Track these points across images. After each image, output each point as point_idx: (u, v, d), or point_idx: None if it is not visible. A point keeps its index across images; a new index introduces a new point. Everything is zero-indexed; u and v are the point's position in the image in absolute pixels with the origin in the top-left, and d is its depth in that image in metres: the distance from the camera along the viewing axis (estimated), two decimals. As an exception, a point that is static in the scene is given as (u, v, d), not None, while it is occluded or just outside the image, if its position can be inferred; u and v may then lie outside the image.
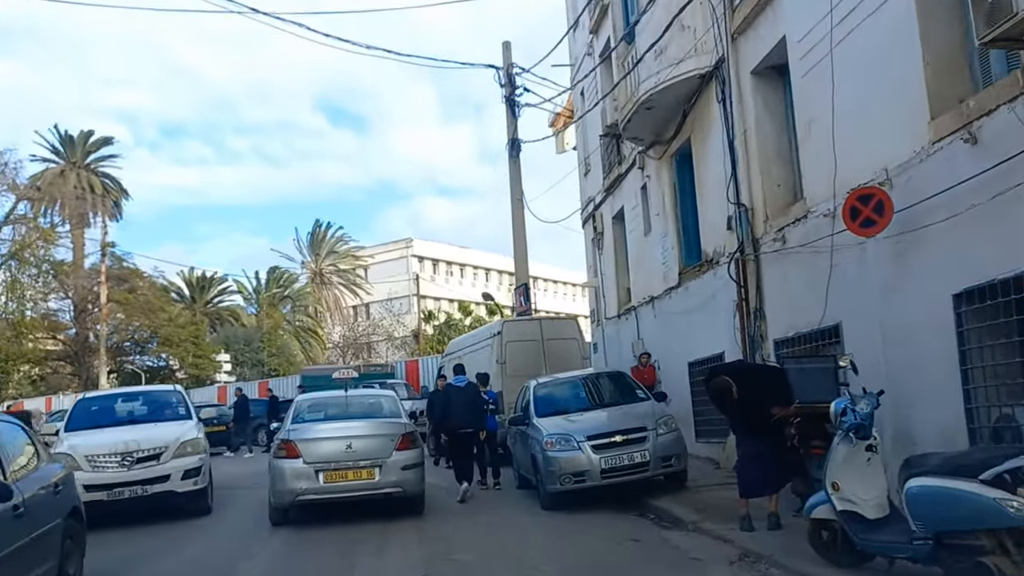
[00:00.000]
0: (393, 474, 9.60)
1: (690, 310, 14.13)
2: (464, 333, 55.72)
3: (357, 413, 10.73)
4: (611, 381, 11.99)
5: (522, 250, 21.59)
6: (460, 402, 11.97)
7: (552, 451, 10.02)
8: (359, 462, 9.53)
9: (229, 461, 21.62)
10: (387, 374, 25.46)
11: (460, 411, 11.90)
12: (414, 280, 57.90)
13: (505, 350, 15.67)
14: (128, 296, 42.49)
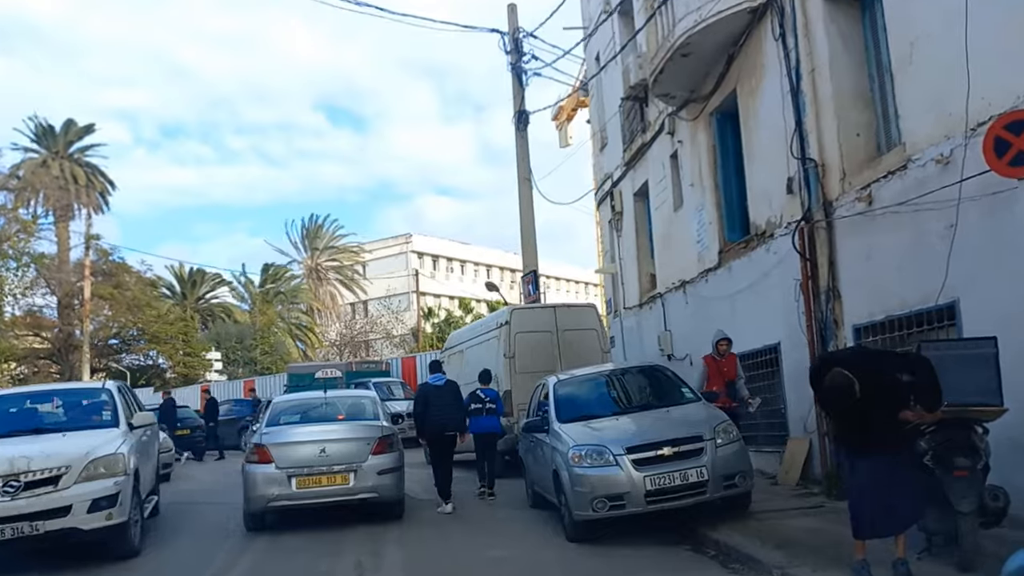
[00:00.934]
0: (369, 479, 9.20)
1: (733, 294, 11.85)
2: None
3: (335, 416, 10.36)
4: (649, 377, 9.63)
5: (530, 233, 19.31)
6: (438, 403, 10.67)
7: (581, 467, 7.74)
8: (333, 467, 9.16)
9: (199, 467, 19.39)
10: (381, 372, 23.19)
11: (438, 412, 10.62)
12: (413, 276, 55.62)
13: (514, 342, 13.39)
14: (113, 291, 40.11)
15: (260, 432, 9.86)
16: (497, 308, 58.65)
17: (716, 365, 10.03)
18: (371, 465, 9.25)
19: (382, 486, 9.31)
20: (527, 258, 19.30)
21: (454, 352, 16.03)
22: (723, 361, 10.05)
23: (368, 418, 10.33)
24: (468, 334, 15.62)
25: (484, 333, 14.46)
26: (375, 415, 10.43)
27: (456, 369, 15.63)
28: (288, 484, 9.05)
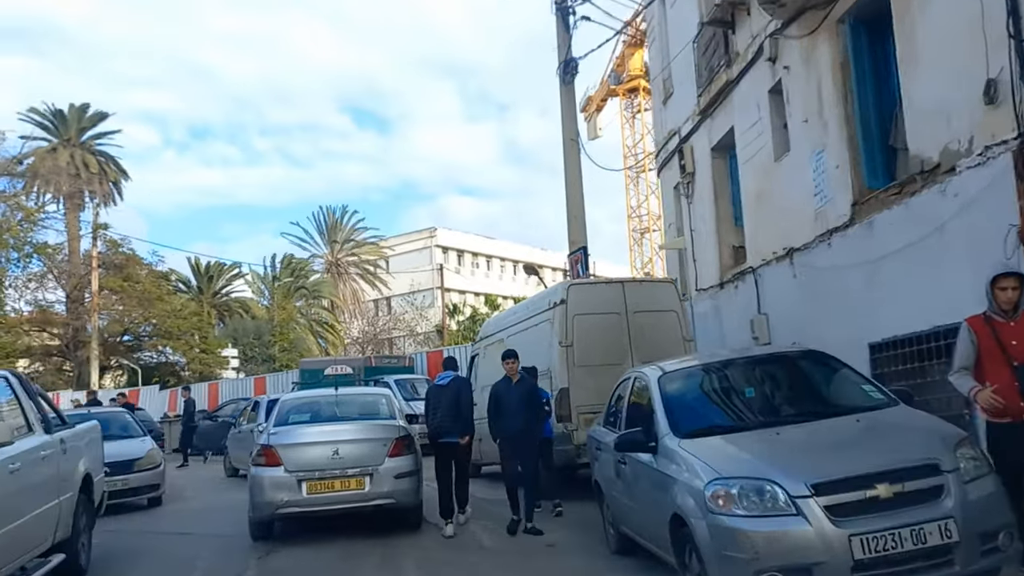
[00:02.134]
0: (385, 484, 8.42)
1: (876, 260, 8.59)
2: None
3: (347, 415, 9.45)
4: (808, 367, 6.21)
5: (577, 203, 16.11)
6: (440, 404, 9.02)
7: (731, 515, 4.52)
8: (347, 470, 8.36)
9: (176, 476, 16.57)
10: (403, 368, 20.11)
11: (440, 415, 8.93)
12: (438, 271, 52.56)
13: (572, 327, 10.21)
14: (123, 284, 37.38)
15: (267, 432, 8.90)
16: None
17: (995, 333, 4.85)
18: (388, 468, 8.43)
19: (400, 491, 8.47)
20: (574, 232, 16.10)
21: (492, 341, 12.85)
22: (1012, 325, 4.84)
23: (383, 417, 9.39)
24: (510, 318, 12.39)
25: (531, 317, 11.25)
26: (391, 414, 9.49)
27: (495, 363, 12.47)
28: (298, 489, 8.21)
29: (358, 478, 8.34)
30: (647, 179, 59.98)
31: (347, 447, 8.41)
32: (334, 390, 10.06)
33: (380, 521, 8.78)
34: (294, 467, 8.24)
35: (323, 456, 8.32)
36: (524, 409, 8.56)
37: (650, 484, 5.61)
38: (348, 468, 8.33)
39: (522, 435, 8.53)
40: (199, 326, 39.73)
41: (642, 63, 61.03)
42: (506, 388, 8.81)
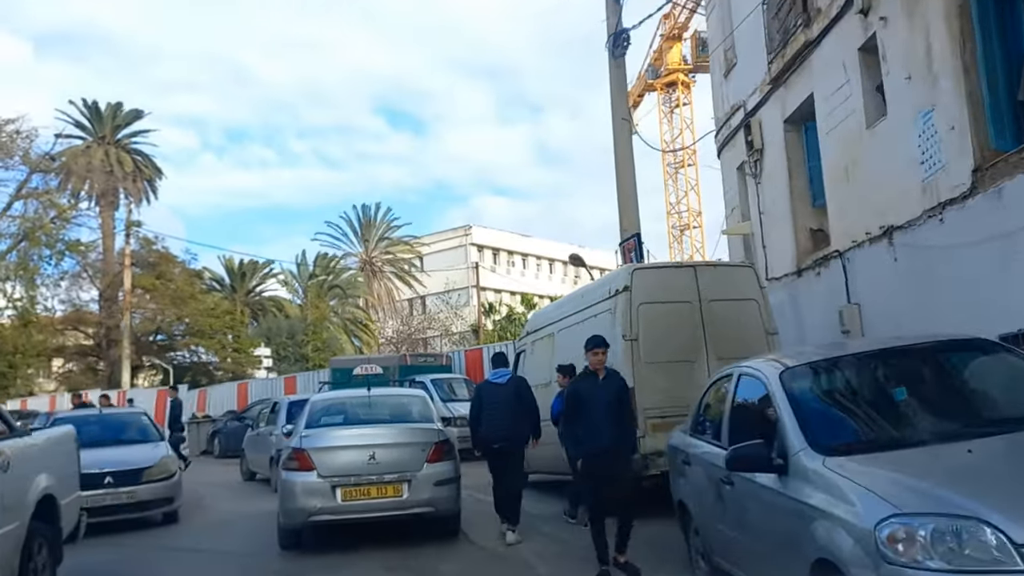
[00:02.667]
0: (424, 490, 7.87)
1: (1008, 235, 7.14)
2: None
3: (382, 417, 8.94)
4: (978, 362, 4.72)
5: (629, 187, 14.74)
6: (494, 405, 8.36)
7: (922, 568, 3.16)
8: (384, 476, 7.81)
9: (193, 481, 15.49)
10: (440, 367, 18.85)
11: (494, 418, 8.31)
12: (473, 269, 51.35)
13: (637, 318, 8.84)
14: (156, 282, 36.68)
15: (299, 435, 8.36)
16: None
17: None
18: (427, 474, 7.97)
19: (439, 499, 8.01)
20: (626, 219, 14.72)
21: (540, 336, 11.55)
22: None
23: (421, 420, 8.84)
24: (562, 310, 11.03)
25: (588, 307, 9.89)
26: (428, 417, 8.94)
27: (543, 360, 11.17)
28: (332, 495, 7.74)
29: (396, 484, 7.84)
30: (687, 175, 58.34)
31: (384, 451, 7.91)
32: (367, 390, 9.28)
33: (415, 531, 8.19)
34: (328, 472, 7.76)
35: (359, 461, 7.83)
36: (612, 417, 6.59)
37: (774, 514, 4.24)
38: (385, 474, 7.81)
39: (613, 453, 6.55)
40: (231, 325, 38.92)
41: (680, 56, 59.57)
42: (590, 388, 6.80)
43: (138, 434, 10.70)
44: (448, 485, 8.06)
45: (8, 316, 33.20)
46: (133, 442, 10.18)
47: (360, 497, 7.77)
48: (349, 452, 7.93)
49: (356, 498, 7.76)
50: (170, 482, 9.77)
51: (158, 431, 11.12)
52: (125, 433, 10.46)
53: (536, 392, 10.72)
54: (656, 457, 8.39)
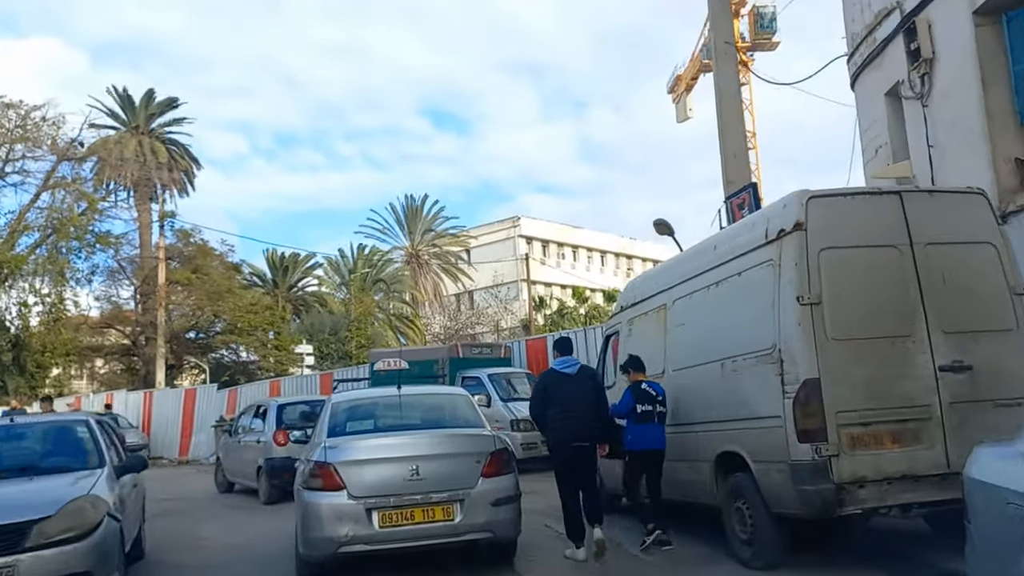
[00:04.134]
0: (480, 512, 6.36)
1: None
2: (579, 320, 45.69)
3: (420, 421, 7.26)
4: None
5: (734, 130, 11.64)
6: (565, 399, 6.87)
7: None
8: (431, 495, 6.30)
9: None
10: (499, 360, 15.82)
11: (569, 415, 6.82)
12: (523, 261, 48.33)
13: (818, 271, 5.69)
14: (192, 276, 34.33)
15: (321, 444, 6.68)
16: (613, 297, 51.41)
17: None
18: (483, 492, 6.43)
19: (499, 522, 6.47)
20: (733, 169, 11.58)
21: (643, 311, 8.40)
22: None
23: (470, 424, 7.16)
24: (680, 270, 7.69)
25: (725, 263, 6.67)
26: (476, 420, 7.27)
27: (649, 342, 8.07)
28: (368, 521, 6.20)
29: (446, 506, 6.41)
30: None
31: (430, 464, 6.46)
32: (396, 389, 7.44)
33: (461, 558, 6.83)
34: (361, 491, 6.30)
35: (399, 476, 6.38)
36: None
37: None
38: (432, 492, 6.39)
39: None
40: (271, 321, 36.41)
41: (737, 34, 55.81)
42: None
43: (64, 457, 6.62)
44: (509, 505, 6.62)
45: (38, 313, 31.07)
46: (48, 471, 6.29)
47: (402, 522, 6.30)
48: (386, 466, 6.43)
49: (397, 523, 6.30)
50: (87, 544, 5.39)
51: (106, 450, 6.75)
52: (40, 456, 6.76)
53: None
54: (856, 488, 5.36)
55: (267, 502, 12.05)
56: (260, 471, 12.26)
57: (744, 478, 6.29)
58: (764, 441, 5.98)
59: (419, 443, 6.65)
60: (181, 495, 13.59)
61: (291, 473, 11.40)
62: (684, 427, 7.28)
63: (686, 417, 7.25)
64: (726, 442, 6.54)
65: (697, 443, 7.06)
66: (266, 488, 12.15)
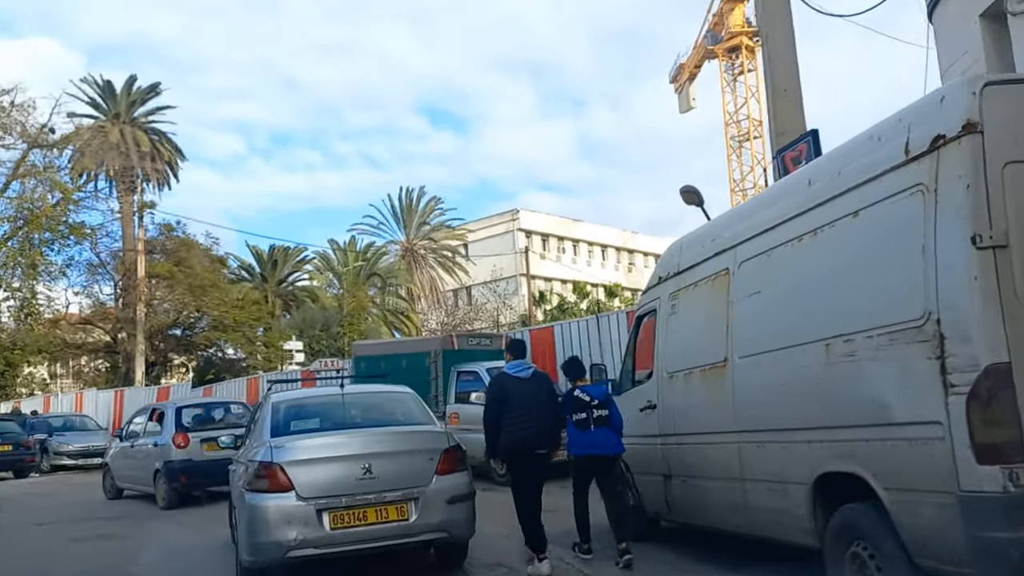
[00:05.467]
0: (436, 511, 6.18)
1: None
2: (580, 316, 44.04)
3: (367, 419, 6.94)
4: None
5: (786, 67, 9.53)
6: (521, 404, 6.54)
7: None
8: (384, 494, 6.08)
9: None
10: (499, 352, 13.68)
11: (527, 419, 6.50)
12: (522, 254, 46.27)
13: (1002, 195, 3.62)
14: (173, 269, 32.27)
15: (265, 443, 6.29)
16: (617, 294, 49.56)
17: None
18: (438, 490, 6.21)
19: (453, 522, 6.26)
20: (784, 117, 9.47)
21: (690, 282, 6.27)
22: None
23: (419, 422, 6.93)
24: (749, 223, 5.40)
25: (830, 200, 4.57)
26: (426, 418, 7.05)
27: (705, 320, 6.01)
28: (318, 523, 5.88)
29: (400, 505, 6.09)
30: (746, 81, 52.37)
31: (383, 462, 6.13)
32: (340, 388, 7.10)
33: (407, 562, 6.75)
34: (311, 492, 5.91)
35: (350, 476, 6.02)
36: None
37: None
38: (386, 491, 6.05)
39: None
40: (259, 316, 34.35)
41: (743, 19, 53.61)
42: None
43: None
44: (464, 503, 6.45)
45: (8, 308, 28.99)
46: None
47: (354, 523, 6.04)
48: (337, 465, 6.17)
49: (349, 524, 6.03)
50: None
51: None
52: None
53: (692, 382, 5.74)
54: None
55: (167, 507, 11.70)
56: (158, 475, 11.91)
57: (866, 512, 4.24)
58: (906, 459, 3.92)
59: (370, 441, 6.35)
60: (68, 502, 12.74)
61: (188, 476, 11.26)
62: (758, 435, 5.23)
63: (762, 421, 5.19)
64: (834, 459, 4.48)
65: (781, 457, 4.99)
66: (164, 492, 11.82)
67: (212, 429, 12.27)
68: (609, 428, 6.58)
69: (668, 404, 6.51)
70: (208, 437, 11.87)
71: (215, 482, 11.26)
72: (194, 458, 11.55)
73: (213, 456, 11.38)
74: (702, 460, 5.99)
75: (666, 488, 6.60)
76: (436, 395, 12.50)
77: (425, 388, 13.15)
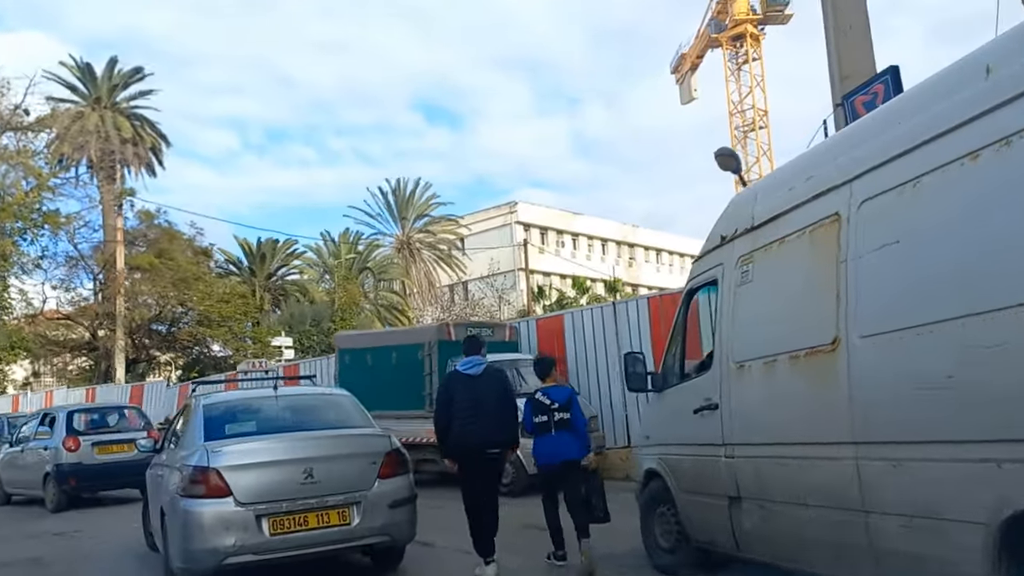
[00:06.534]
0: (378, 515, 6.15)
1: None
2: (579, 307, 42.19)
3: (305, 423, 6.67)
4: None
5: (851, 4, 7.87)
6: (471, 402, 6.35)
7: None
8: (326, 499, 5.98)
9: None
10: (504, 344, 11.77)
11: (478, 418, 6.31)
12: (520, 248, 44.63)
13: None
14: (154, 261, 30.52)
15: (202, 450, 6.00)
16: (618, 288, 47.81)
17: None
18: (380, 494, 6.16)
19: (395, 525, 6.25)
20: (847, 56, 7.82)
21: (775, 237, 4.61)
22: None
23: (358, 425, 6.78)
24: (873, 145, 3.90)
25: None
26: (364, 420, 6.90)
27: (801, 288, 4.33)
28: (258, 528, 5.78)
29: (342, 509, 6.01)
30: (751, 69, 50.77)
31: (324, 466, 6.01)
32: (273, 390, 6.80)
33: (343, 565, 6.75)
34: (250, 497, 5.77)
35: (291, 480, 5.90)
36: None
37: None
38: (328, 496, 5.95)
39: None
40: (245, 310, 32.61)
41: (747, 7, 51.96)
42: None
43: None
44: (406, 507, 6.35)
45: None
46: None
47: (295, 528, 5.85)
48: (278, 469, 5.94)
49: (290, 529, 5.84)
50: None
51: None
52: None
53: (776, 373, 4.13)
54: None
55: (55, 510, 11.72)
56: (47, 478, 11.99)
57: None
58: None
59: (312, 445, 6.24)
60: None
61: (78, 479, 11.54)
62: (893, 448, 3.59)
63: (901, 428, 3.55)
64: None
65: (937, 483, 3.36)
66: (54, 494, 11.88)
67: (104, 433, 12.42)
68: (571, 432, 6.42)
69: (737, 403, 4.86)
70: (100, 441, 12.03)
71: (106, 485, 11.99)
72: (84, 461, 11.77)
73: (105, 459, 11.75)
74: (793, 481, 4.35)
75: (732, 515, 4.95)
76: (431, 392, 10.85)
77: (419, 385, 11.50)
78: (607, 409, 11.62)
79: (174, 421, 7.73)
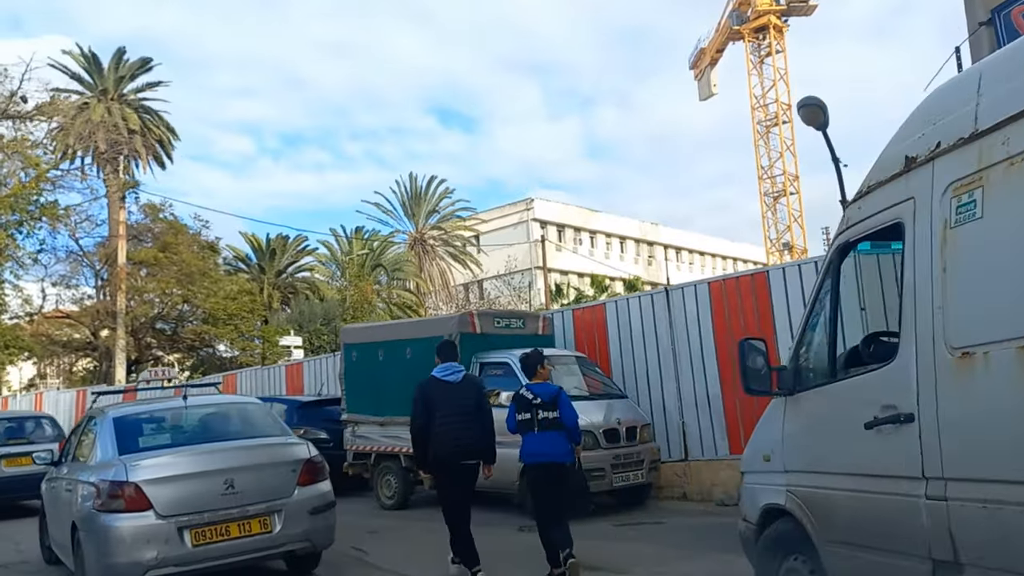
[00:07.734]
0: (299, 522, 6.24)
1: None
2: (623, 295, 40.52)
3: (220, 433, 6.72)
4: None
5: None
6: (448, 410, 6.19)
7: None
8: (247, 508, 6.04)
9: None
10: (534, 337, 9.77)
11: (450, 426, 6.14)
12: (538, 244, 42.86)
13: None
14: (159, 255, 28.91)
15: (119, 464, 5.97)
16: (637, 287, 45.86)
17: None
18: (300, 501, 6.27)
19: (316, 531, 6.37)
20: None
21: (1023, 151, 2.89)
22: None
23: (274, 433, 6.81)
24: None
25: None
26: (281, 428, 7.01)
27: None
28: (179, 540, 5.82)
29: (263, 517, 6.11)
30: (780, 133, 48.87)
31: (244, 476, 6.08)
32: (182, 400, 6.75)
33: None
34: (171, 510, 5.83)
35: (212, 491, 5.96)
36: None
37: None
38: (248, 505, 6.04)
39: None
40: (253, 309, 30.94)
41: (771, -4, 50.05)
42: None
43: None
44: (326, 512, 6.44)
45: (-31, 298, 25.68)
46: None
47: (216, 538, 5.88)
48: (198, 481, 5.95)
49: (211, 540, 5.87)
50: None
51: None
52: None
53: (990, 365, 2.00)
54: None
55: None
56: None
57: None
58: None
59: (232, 456, 6.20)
60: None
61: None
62: None
63: None
64: None
65: None
66: None
67: (14, 444, 12.02)
68: (558, 433, 6.14)
69: (955, 413, 3.04)
70: (8, 453, 11.68)
71: (14, 498, 11.56)
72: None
73: (14, 472, 11.44)
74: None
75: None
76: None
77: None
78: (659, 415, 9.81)
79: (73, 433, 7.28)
